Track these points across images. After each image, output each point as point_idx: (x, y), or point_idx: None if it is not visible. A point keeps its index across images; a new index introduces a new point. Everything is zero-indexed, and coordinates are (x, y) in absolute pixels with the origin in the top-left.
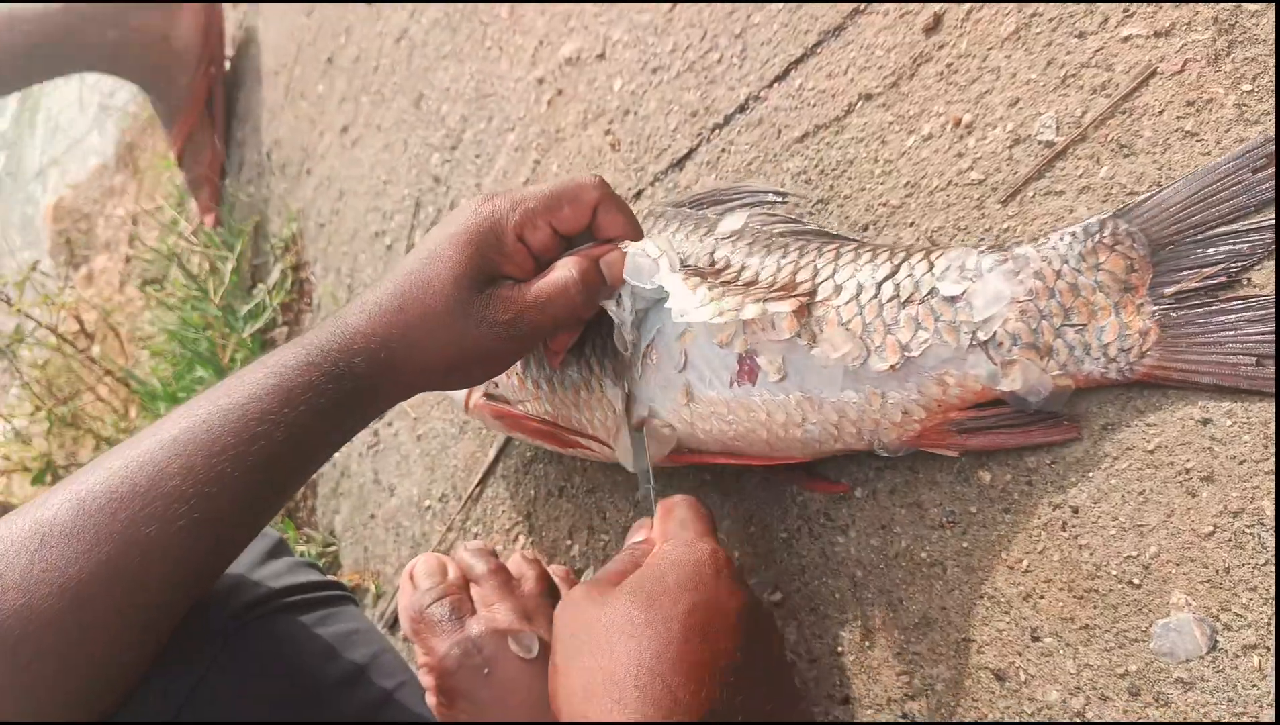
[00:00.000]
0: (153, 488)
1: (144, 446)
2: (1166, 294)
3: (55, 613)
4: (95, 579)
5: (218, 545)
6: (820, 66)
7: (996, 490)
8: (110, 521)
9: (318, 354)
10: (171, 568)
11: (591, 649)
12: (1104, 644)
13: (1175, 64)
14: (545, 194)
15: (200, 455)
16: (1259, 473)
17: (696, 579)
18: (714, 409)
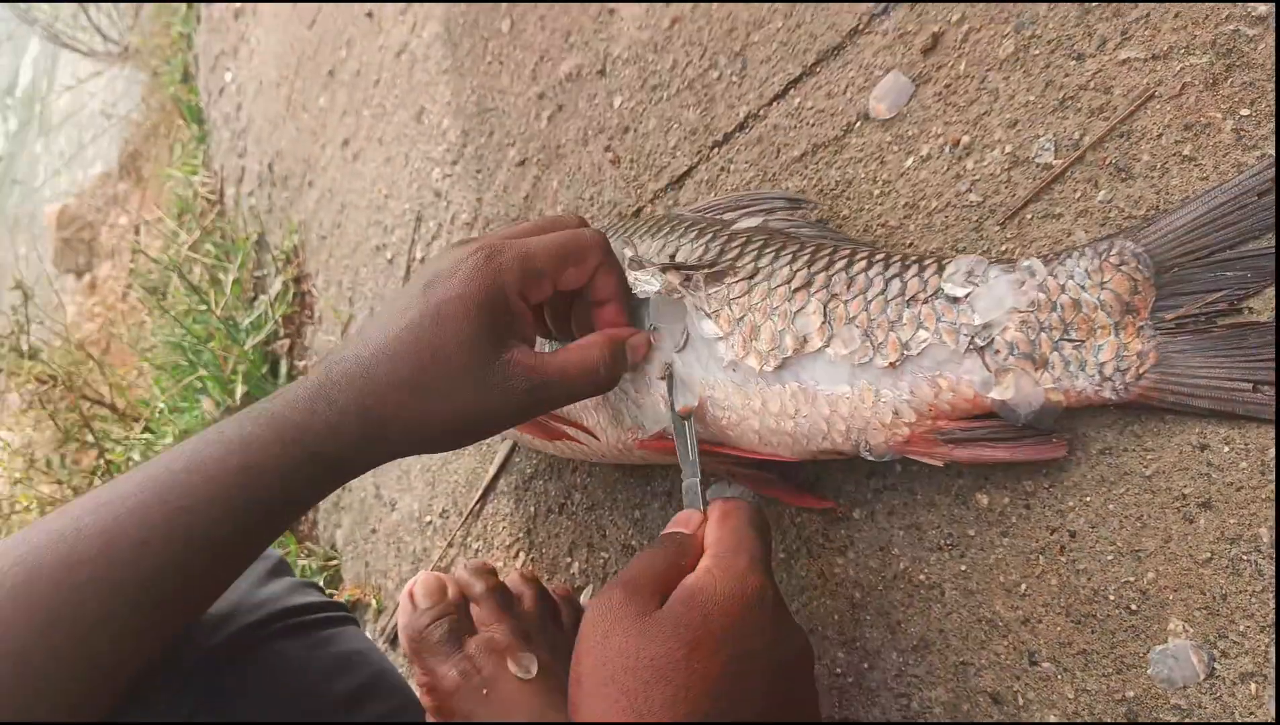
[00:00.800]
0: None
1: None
2: (1167, 318)
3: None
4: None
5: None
6: (819, 86)
7: (994, 513)
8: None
9: (290, 432)
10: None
11: (625, 682)
12: (1102, 669)
13: (1173, 87)
14: (551, 253)
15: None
16: (1256, 499)
17: (743, 625)
18: (711, 393)
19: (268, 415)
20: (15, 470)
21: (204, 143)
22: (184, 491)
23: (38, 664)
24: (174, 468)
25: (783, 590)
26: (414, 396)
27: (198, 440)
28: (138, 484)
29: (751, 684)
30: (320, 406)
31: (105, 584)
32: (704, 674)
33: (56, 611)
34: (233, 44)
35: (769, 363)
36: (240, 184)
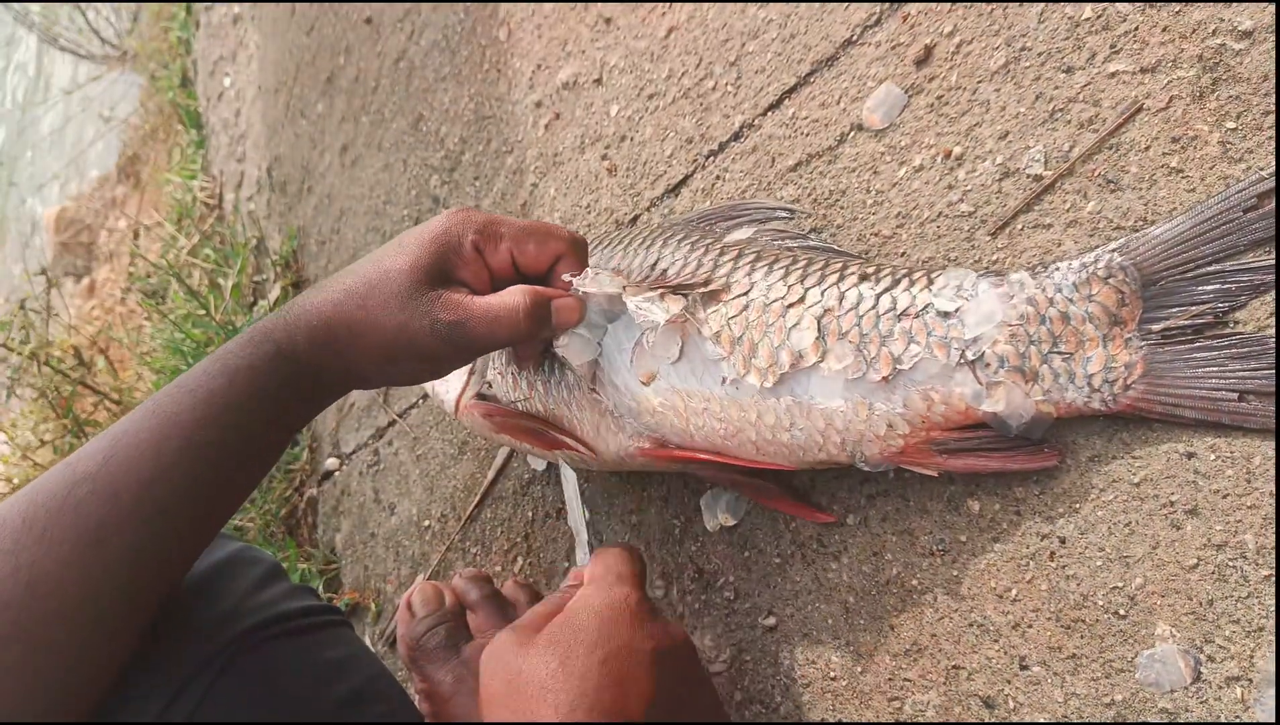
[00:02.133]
0: (103, 481)
1: (97, 446)
2: (1154, 330)
3: (14, 600)
4: (57, 572)
5: (176, 534)
6: (813, 96)
7: (986, 519)
8: (67, 519)
9: (259, 334)
10: (131, 557)
11: (510, 702)
12: (1091, 673)
13: (1161, 100)
14: (517, 226)
15: (149, 445)
16: (1241, 507)
17: (612, 626)
18: (706, 406)
19: (251, 329)
20: (15, 474)
21: (202, 147)
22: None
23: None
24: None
25: (778, 594)
26: (359, 308)
27: (189, 372)
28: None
29: (632, 674)
30: (289, 309)
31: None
32: (582, 674)
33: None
34: (231, 49)
35: (768, 379)
36: (239, 189)
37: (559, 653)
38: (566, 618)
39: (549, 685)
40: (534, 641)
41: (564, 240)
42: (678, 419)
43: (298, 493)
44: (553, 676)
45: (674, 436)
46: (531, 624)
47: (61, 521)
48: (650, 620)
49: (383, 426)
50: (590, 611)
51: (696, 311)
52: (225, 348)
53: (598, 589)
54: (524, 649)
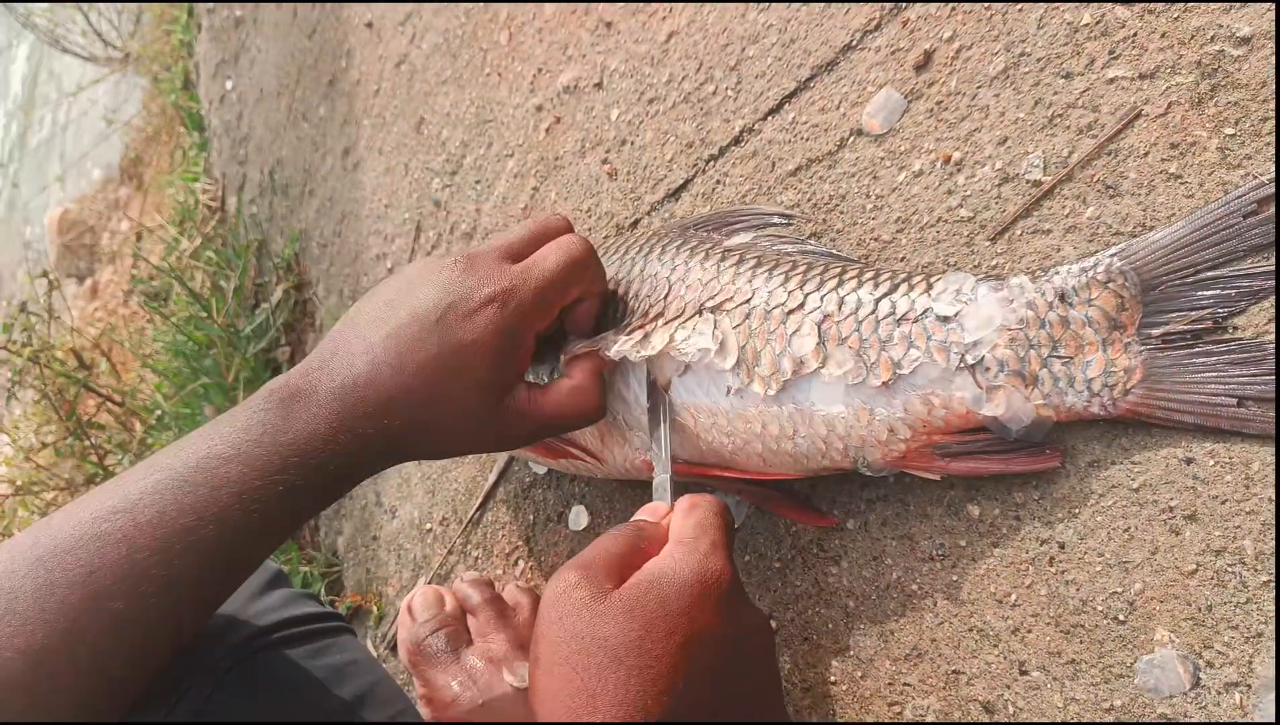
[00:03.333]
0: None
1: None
2: (1154, 334)
3: (19, 674)
4: (60, 647)
5: (187, 616)
6: (813, 101)
7: (985, 524)
8: (78, 594)
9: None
10: (138, 638)
11: (580, 663)
12: (1090, 679)
13: (1159, 106)
14: (558, 284)
15: (177, 533)
16: (1240, 512)
17: (699, 606)
18: (714, 420)
19: (289, 438)
20: (18, 476)
21: (205, 150)
22: (204, 503)
23: (57, 667)
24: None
25: (778, 599)
26: (423, 431)
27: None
28: (154, 490)
29: (705, 665)
30: (341, 435)
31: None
32: (658, 656)
33: (82, 614)
34: (233, 52)
35: (771, 387)
36: (241, 191)
37: (639, 624)
38: (652, 583)
39: (623, 659)
40: (611, 600)
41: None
42: (688, 437)
43: None
44: (629, 650)
45: (681, 451)
46: (603, 569)
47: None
48: (739, 603)
49: None
50: (677, 584)
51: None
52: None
53: (688, 555)
54: (599, 606)
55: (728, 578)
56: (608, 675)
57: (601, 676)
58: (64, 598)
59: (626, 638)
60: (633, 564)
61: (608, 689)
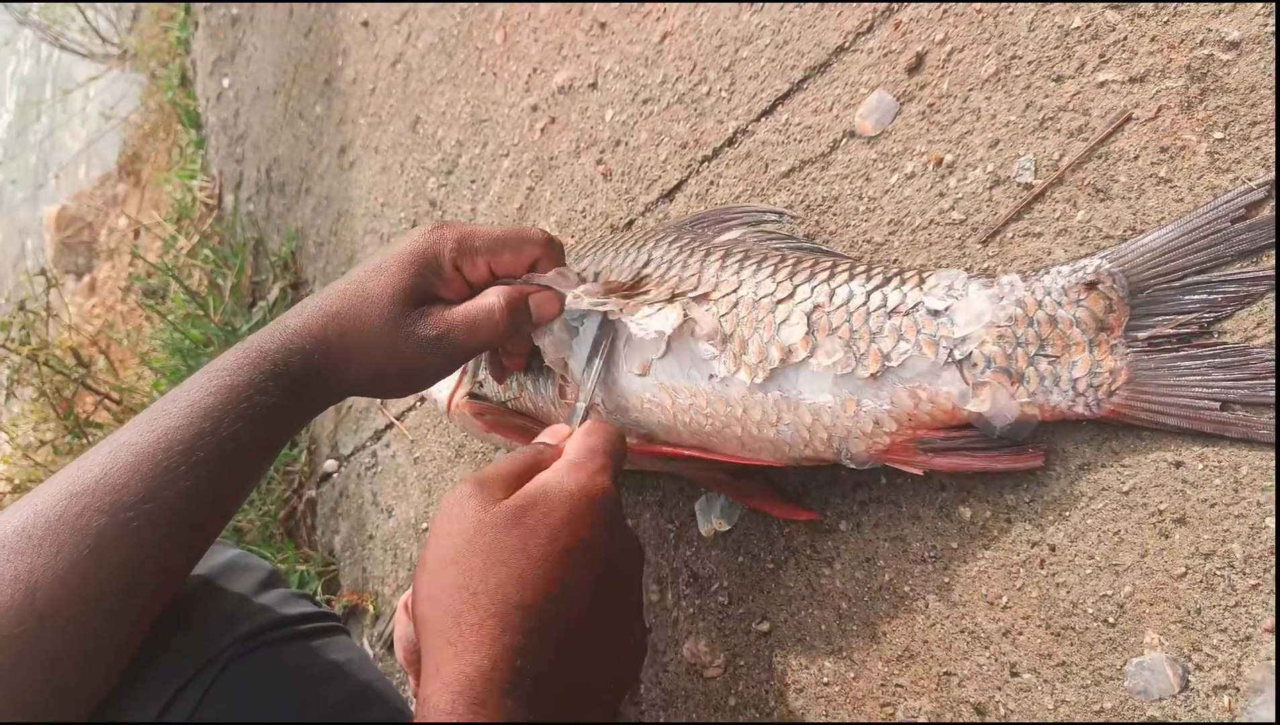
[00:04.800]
0: (103, 492)
1: (96, 457)
2: (1140, 337)
3: (20, 612)
4: (56, 581)
5: (174, 543)
6: (806, 103)
7: (977, 527)
8: (66, 529)
9: (255, 354)
10: (130, 567)
11: (465, 563)
12: (1080, 681)
13: (1150, 110)
14: (492, 236)
15: (148, 457)
16: (1229, 516)
17: (580, 518)
18: (694, 400)
19: (242, 347)
20: (16, 473)
21: (202, 148)
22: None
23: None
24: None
25: (771, 600)
26: (346, 332)
27: (183, 385)
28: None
29: (582, 573)
30: (278, 331)
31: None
32: (539, 560)
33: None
34: (230, 50)
35: (758, 375)
36: (239, 189)
37: (523, 530)
38: (540, 493)
39: (505, 558)
40: (501, 507)
41: (539, 243)
42: (664, 415)
43: (296, 494)
44: (511, 551)
45: (661, 432)
46: (498, 481)
47: (60, 533)
48: (617, 520)
49: (380, 429)
50: (563, 495)
51: (691, 310)
52: (219, 364)
53: (574, 471)
54: (486, 511)
55: (611, 495)
56: (489, 574)
57: (484, 576)
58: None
59: (509, 541)
60: (525, 480)
61: (489, 587)
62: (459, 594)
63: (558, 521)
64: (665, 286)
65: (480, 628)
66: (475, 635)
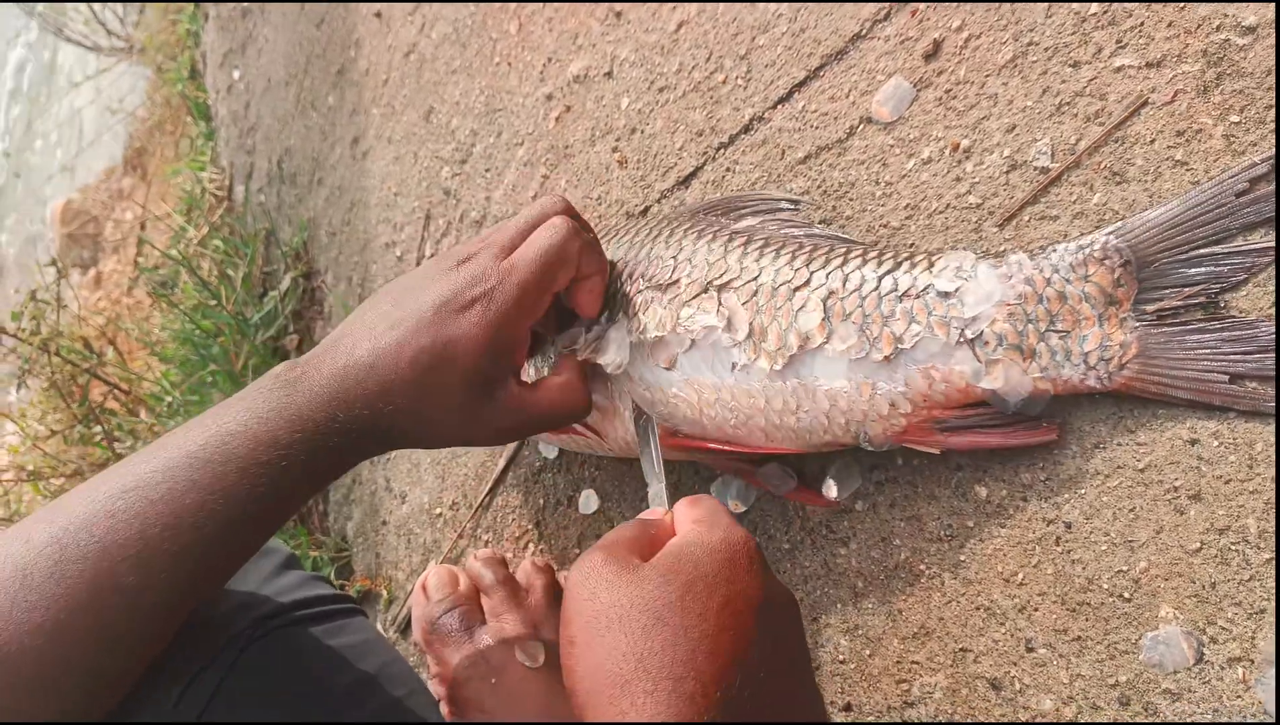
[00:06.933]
0: (137, 538)
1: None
2: (1149, 310)
3: (34, 650)
4: (74, 622)
5: (195, 589)
6: (823, 89)
7: (993, 505)
8: (92, 570)
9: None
10: (149, 612)
11: (623, 628)
12: (1096, 655)
13: (1166, 95)
14: (539, 272)
15: (187, 508)
16: (1244, 492)
17: (732, 568)
18: (718, 395)
19: (292, 413)
20: (28, 461)
21: (211, 140)
22: (213, 478)
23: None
24: (201, 456)
25: (787, 581)
26: (415, 420)
27: (222, 428)
28: (164, 468)
29: (746, 624)
30: (340, 412)
31: (139, 565)
32: (701, 613)
33: (96, 589)
34: (240, 42)
35: (777, 362)
36: (249, 180)
37: (679, 585)
38: (683, 550)
39: (666, 618)
40: (646, 569)
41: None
42: (690, 410)
43: None
44: (671, 609)
45: (685, 426)
46: (627, 546)
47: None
48: (764, 569)
49: None
50: (708, 549)
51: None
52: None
53: (711, 528)
54: (633, 574)
55: (754, 546)
56: (654, 635)
57: (648, 637)
58: (77, 574)
59: (668, 598)
60: (650, 547)
61: (655, 649)
62: (624, 662)
63: (710, 574)
64: (696, 275)
65: (654, 694)
66: (650, 701)
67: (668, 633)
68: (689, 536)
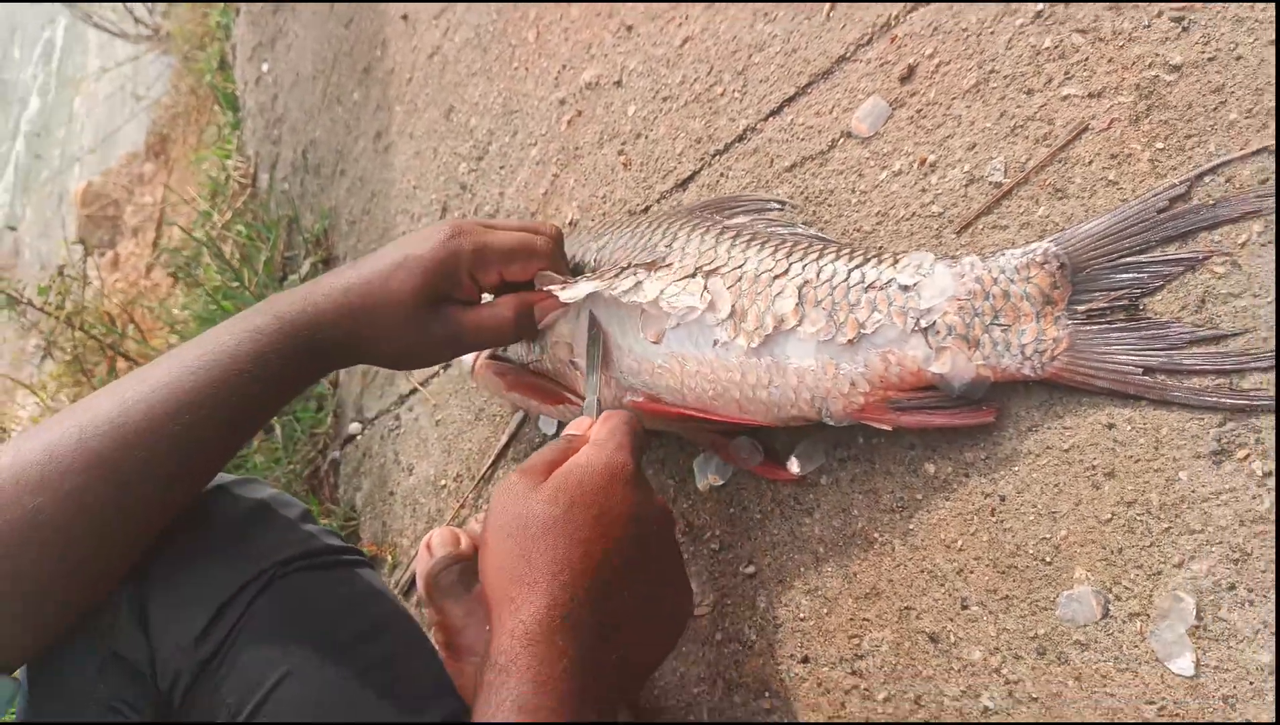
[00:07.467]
0: (144, 424)
1: (136, 390)
2: (1079, 310)
3: (59, 519)
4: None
5: (196, 468)
6: (810, 105)
7: (939, 480)
8: (109, 448)
9: (289, 327)
10: (158, 484)
11: (517, 536)
12: (1020, 611)
13: (1104, 122)
14: (503, 248)
15: (186, 400)
16: (1150, 470)
17: (609, 487)
18: (699, 367)
19: (273, 312)
20: None
21: (238, 129)
22: (208, 371)
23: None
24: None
25: (757, 546)
26: (369, 322)
27: (215, 333)
28: (166, 370)
29: (616, 532)
30: (308, 308)
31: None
32: (580, 523)
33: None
34: (270, 36)
35: (754, 340)
36: (274, 169)
37: (563, 501)
38: (571, 472)
39: (550, 527)
40: (541, 488)
41: (545, 257)
42: (673, 379)
43: (321, 455)
44: (555, 521)
45: (667, 394)
46: (537, 468)
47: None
48: (640, 488)
49: (405, 394)
50: (593, 470)
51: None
52: (253, 326)
53: (600, 451)
54: (532, 493)
55: (630, 468)
56: (540, 541)
57: (536, 542)
58: (97, 452)
59: (554, 512)
60: (561, 461)
61: (541, 551)
62: (516, 561)
63: (589, 492)
64: (687, 260)
65: (534, 584)
66: (530, 591)
67: (550, 538)
68: (580, 459)
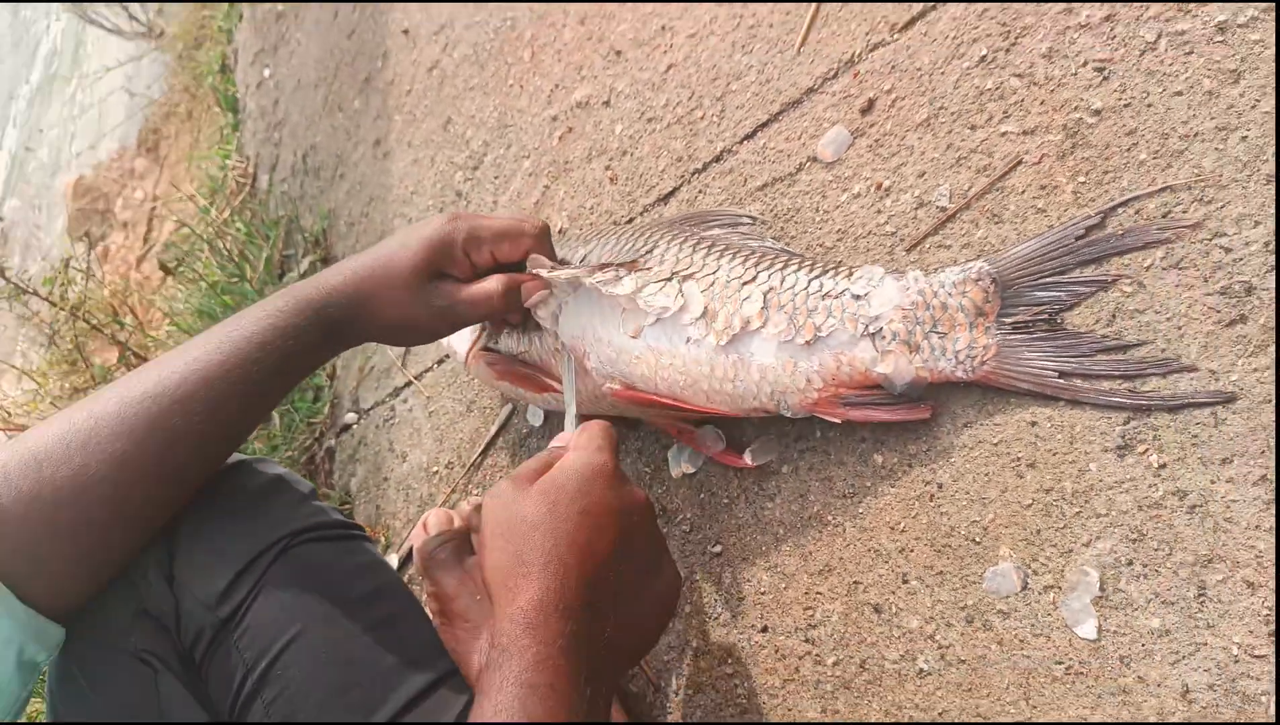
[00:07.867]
0: (179, 393)
1: (172, 366)
2: (1007, 322)
3: (105, 473)
4: (136, 451)
5: (225, 435)
6: (780, 131)
7: (886, 469)
8: (146, 415)
9: (304, 303)
10: (191, 448)
11: (511, 535)
12: (952, 585)
13: (1035, 157)
14: (495, 230)
15: (215, 374)
16: (1065, 462)
17: (590, 485)
18: (672, 361)
19: (292, 295)
20: None
21: (238, 130)
22: (235, 346)
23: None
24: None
25: (724, 528)
26: (373, 294)
27: (242, 315)
28: (201, 346)
29: (600, 525)
30: (321, 285)
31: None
32: (565, 519)
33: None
34: (273, 43)
35: (723, 338)
36: (274, 171)
37: (549, 501)
38: (555, 475)
39: (538, 525)
40: (529, 492)
41: (533, 237)
42: (648, 370)
43: (317, 443)
44: (542, 519)
45: (641, 383)
46: (525, 476)
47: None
48: (620, 484)
49: (400, 386)
50: (574, 472)
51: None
52: (272, 307)
53: (581, 454)
54: (521, 496)
55: (610, 467)
56: (530, 538)
57: (526, 540)
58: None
59: (540, 512)
60: (546, 469)
61: (533, 547)
62: (511, 558)
63: (573, 491)
64: (665, 266)
65: (528, 576)
66: (524, 581)
67: (539, 534)
68: (564, 463)
